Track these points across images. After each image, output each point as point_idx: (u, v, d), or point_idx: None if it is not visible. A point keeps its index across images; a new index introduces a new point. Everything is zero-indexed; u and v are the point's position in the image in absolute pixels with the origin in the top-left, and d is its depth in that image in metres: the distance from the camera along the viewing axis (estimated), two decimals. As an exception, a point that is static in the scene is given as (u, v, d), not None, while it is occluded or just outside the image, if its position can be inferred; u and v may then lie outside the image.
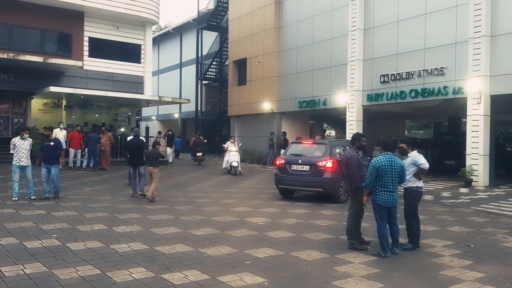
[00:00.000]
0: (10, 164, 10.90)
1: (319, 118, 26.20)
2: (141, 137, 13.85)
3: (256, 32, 25.12)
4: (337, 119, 24.03)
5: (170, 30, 37.34)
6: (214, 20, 30.44)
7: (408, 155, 7.29)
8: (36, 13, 20.63)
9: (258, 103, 24.42)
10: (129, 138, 13.20)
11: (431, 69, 16.33)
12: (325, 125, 25.74)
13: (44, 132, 11.68)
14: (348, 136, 18.25)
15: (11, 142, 10.84)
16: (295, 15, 22.90)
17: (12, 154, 10.71)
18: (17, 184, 10.58)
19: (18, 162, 10.59)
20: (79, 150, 18.00)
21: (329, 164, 11.22)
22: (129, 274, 5.44)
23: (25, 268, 5.58)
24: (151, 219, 8.95)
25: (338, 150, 11.66)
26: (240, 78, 27.14)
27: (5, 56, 18.53)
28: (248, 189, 14.18)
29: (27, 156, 10.68)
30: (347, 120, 19.52)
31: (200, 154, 21.80)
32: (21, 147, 10.61)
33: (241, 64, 26.88)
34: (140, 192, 11.73)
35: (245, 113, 26.12)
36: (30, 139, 11.04)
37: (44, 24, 21.08)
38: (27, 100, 21.23)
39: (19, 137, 10.87)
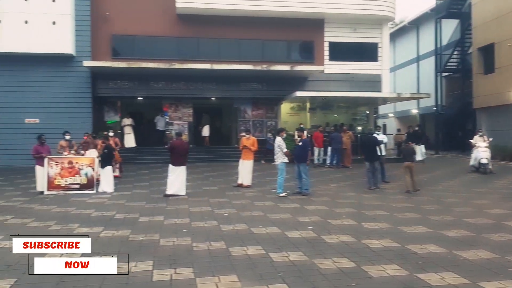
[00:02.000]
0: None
1: None
2: (375, 135, 14.30)
3: (506, 12, 22.20)
4: None
5: (406, 24, 36.23)
6: (454, 7, 28.17)
7: None
8: (282, 26, 22.83)
9: (510, 92, 21.58)
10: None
11: None
12: None
13: (298, 134, 13.35)
14: None
15: (279, 143, 11.91)
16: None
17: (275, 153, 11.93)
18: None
19: (286, 160, 11.85)
20: (322, 149, 19.48)
21: None
22: (383, 270, 5.60)
23: (289, 255, 6.24)
24: (398, 217, 8.98)
25: None
26: (486, 66, 24.47)
27: (259, 68, 21.24)
28: (503, 190, 12.72)
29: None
30: None
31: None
32: (283, 146, 11.87)
33: (487, 51, 24.18)
34: (374, 187, 12.63)
35: (494, 105, 23.38)
36: None
37: (289, 35, 23.17)
38: (277, 105, 23.77)
39: (280, 137, 12.04)
